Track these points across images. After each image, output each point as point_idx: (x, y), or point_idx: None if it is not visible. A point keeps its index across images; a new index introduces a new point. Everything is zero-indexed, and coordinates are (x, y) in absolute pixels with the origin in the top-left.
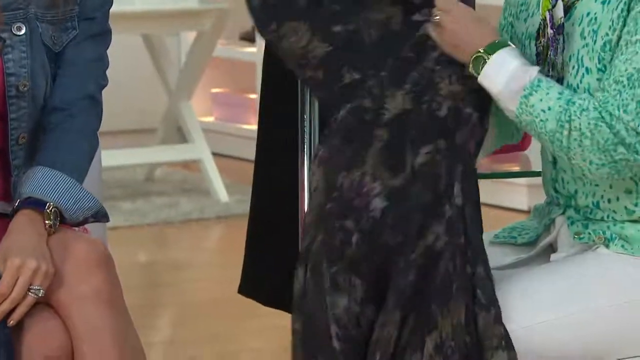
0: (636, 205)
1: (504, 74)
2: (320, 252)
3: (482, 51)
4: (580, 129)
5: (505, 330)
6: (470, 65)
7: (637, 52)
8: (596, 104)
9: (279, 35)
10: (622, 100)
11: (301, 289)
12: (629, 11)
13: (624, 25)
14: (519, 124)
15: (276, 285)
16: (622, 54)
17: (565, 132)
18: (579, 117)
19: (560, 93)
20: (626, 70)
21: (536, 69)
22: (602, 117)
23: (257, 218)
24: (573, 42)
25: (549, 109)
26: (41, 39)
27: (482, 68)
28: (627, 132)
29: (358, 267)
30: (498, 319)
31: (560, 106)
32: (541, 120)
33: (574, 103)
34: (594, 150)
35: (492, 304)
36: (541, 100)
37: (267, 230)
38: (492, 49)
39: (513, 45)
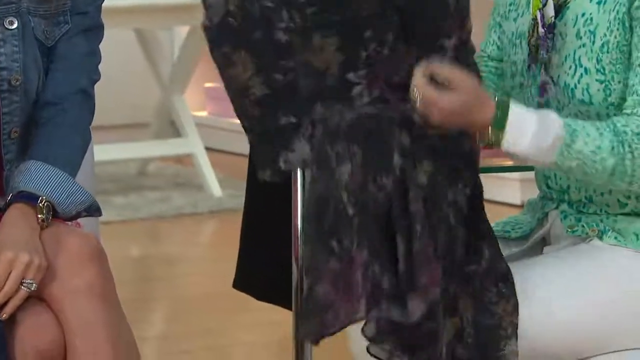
0: (629, 198)
1: (527, 135)
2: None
3: (491, 131)
4: None
5: (517, 319)
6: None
7: None
8: None
9: (229, 61)
10: None
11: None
12: (631, 18)
13: (624, 30)
14: (559, 170)
15: (270, 280)
16: None
17: (629, 162)
18: (638, 142)
19: (597, 128)
20: None
21: (550, 113)
22: None
23: (251, 213)
24: (568, 43)
25: (599, 148)
26: (33, 33)
27: (502, 140)
28: None
29: (354, 136)
30: (516, 308)
31: (610, 140)
32: (594, 162)
33: (621, 132)
34: None
35: (513, 293)
36: (586, 143)
37: (261, 225)
38: (499, 122)
39: (508, 100)
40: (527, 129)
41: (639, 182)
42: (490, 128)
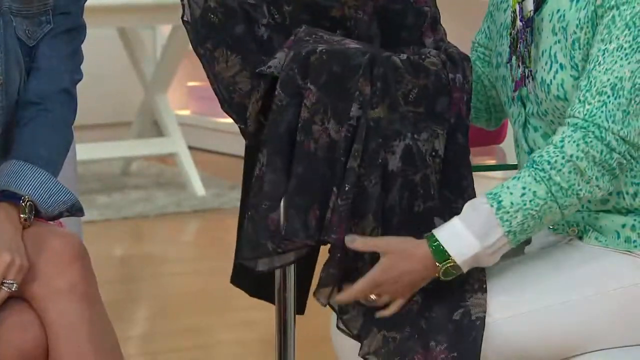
0: (610, 194)
1: (465, 236)
2: (291, 67)
3: (441, 268)
4: (572, 157)
5: (485, 276)
6: (447, 275)
7: (615, 62)
8: (571, 125)
9: (212, 56)
10: (609, 111)
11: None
12: (597, 16)
13: (592, 28)
14: (518, 237)
15: (261, 277)
16: (599, 64)
17: (557, 178)
18: (558, 153)
19: (515, 177)
20: (608, 80)
21: (471, 202)
22: (591, 132)
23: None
24: (544, 38)
25: (524, 187)
26: (15, 32)
27: (454, 263)
28: (617, 142)
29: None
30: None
31: (529, 175)
32: (531, 201)
33: (536, 161)
34: (591, 167)
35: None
36: (511, 193)
37: None
38: (440, 255)
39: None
40: (459, 231)
41: (583, 191)
42: (438, 266)
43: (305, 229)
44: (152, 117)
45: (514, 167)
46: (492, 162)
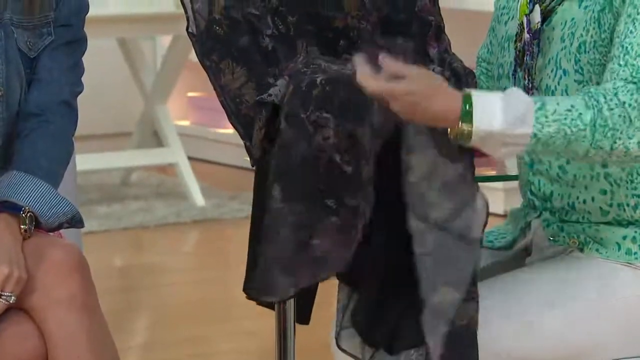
0: (610, 206)
1: (496, 112)
2: (291, 101)
3: (460, 124)
4: (625, 104)
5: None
6: (456, 137)
7: None
8: (622, 79)
9: (218, 68)
10: None
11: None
12: (601, 12)
13: (599, 29)
14: (536, 146)
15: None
16: (631, 32)
17: (607, 112)
18: (613, 95)
19: (564, 97)
20: None
21: (514, 89)
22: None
23: (257, 220)
24: (553, 46)
25: (573, 106)
26: (16, 44)
27: (472, 130)
28: None
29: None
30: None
31: (582, 98)
32: (573, 119)
33: (592, 92)
34: (638, 121)
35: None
36: (558, 103)
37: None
38: (466, 115)
39: (473, 90)
40: (494, 105)
41: (622, 138)
42: (459, 122)
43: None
44: (152, 127)
45: (514, 177)
46: (492, 173)
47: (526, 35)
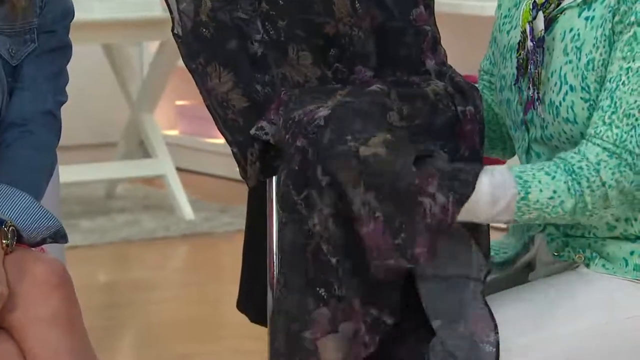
0: (617, 220)
1: (482, 206)
2: (286, 183)
3: None
4: (605, 184)
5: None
6: None
7: None
8: (605, 149)
9: (205, 72)
10: (638, 135)
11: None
12: (614, 33)
13: (609, 47)
14: (519, 222)
15: (262, 303)
16: (623, 83)
17: (589, 197)
18: (596, 175)
19: (547, 172)
20: (635, 102)
21: (500, 168)
22: (624, 159)
23: (250, 234)
24: (555, 58)
25: (555, 192)
26: None
27: None
28: None
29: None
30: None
31: (565, 182)
32: (554, 207)
33: (576, 170)
34: (617, 196)
35: None
36: (541, 191)
37: (258, 248)
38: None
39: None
40: (483, 198)
41: (599, 212)
42: None
43: None
44: (139, 137)
45: None
46: None
47: (529, 43)
